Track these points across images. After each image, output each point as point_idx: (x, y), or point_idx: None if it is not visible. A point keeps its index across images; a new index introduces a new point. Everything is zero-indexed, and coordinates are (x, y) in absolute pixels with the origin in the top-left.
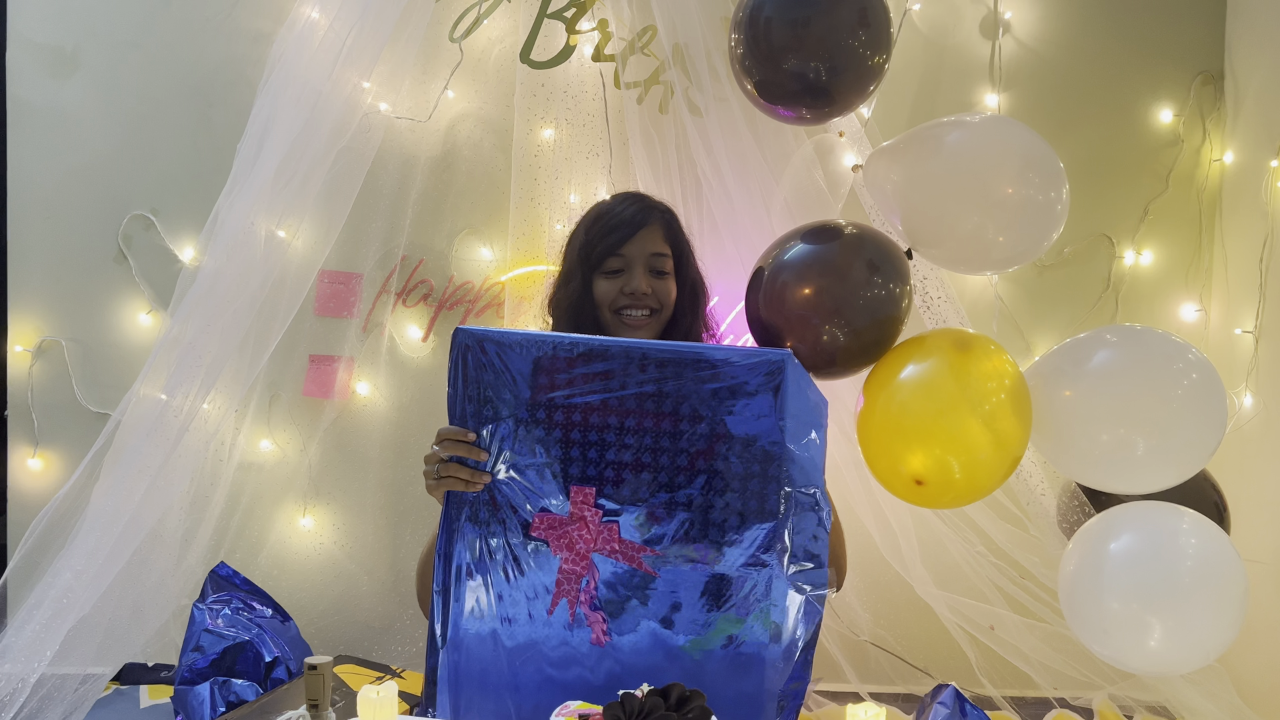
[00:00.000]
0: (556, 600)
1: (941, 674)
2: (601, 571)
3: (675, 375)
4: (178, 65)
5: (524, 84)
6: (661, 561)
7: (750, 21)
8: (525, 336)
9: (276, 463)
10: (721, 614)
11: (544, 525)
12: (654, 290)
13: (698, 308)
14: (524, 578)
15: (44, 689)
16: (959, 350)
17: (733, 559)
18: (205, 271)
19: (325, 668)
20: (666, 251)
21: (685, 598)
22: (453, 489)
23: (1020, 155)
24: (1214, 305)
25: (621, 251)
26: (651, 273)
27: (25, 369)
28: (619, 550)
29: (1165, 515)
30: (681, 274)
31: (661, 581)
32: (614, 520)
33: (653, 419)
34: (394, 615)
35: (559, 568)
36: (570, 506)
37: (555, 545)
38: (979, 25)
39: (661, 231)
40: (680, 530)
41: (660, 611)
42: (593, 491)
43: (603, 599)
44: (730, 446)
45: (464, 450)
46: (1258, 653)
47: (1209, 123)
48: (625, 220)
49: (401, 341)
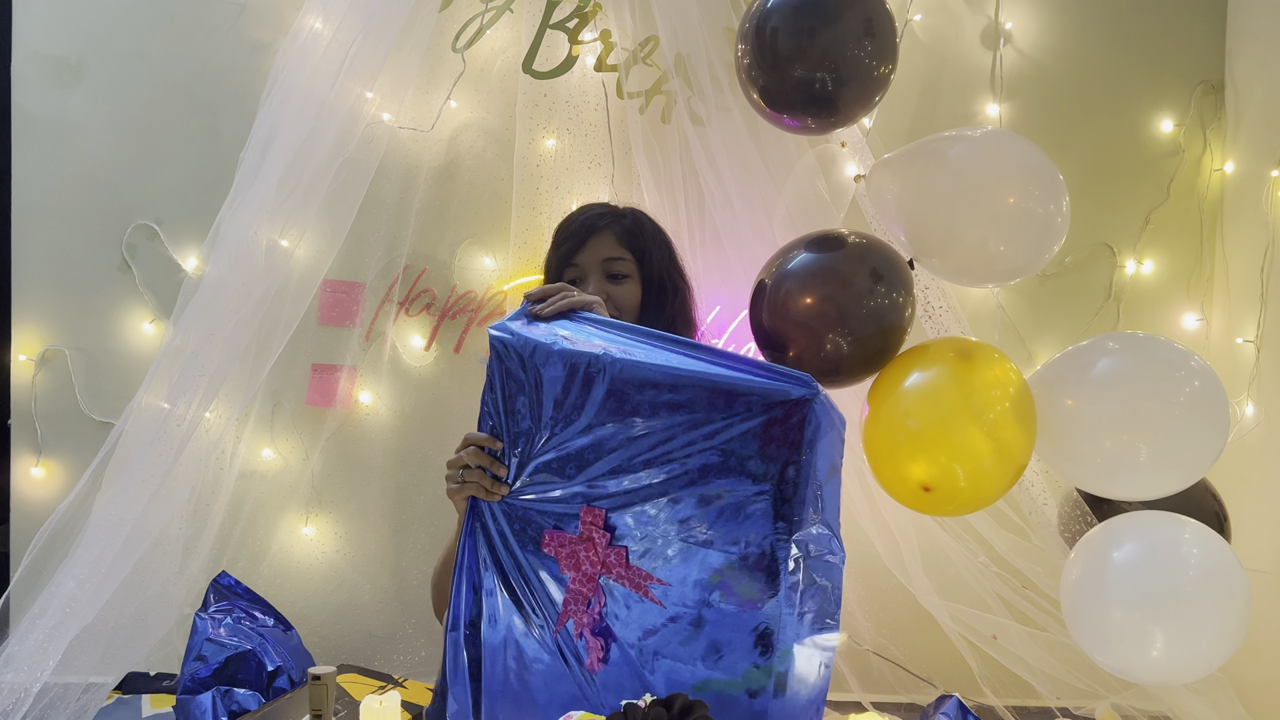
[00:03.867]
0: (563, 620)
1: (944, 683)
2: (612, 597)
3: (692, 405)
4: (182, 75)
5: (526, 94)
6: (670, 594)
7: (757, 32)
8: (550, 347)
9: (279, 472)
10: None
11: (554, 543)
12: (610, 296)
13: (665, 304)
14: (534, 593)
15: (47, 698)
16: (962, 359)
17: (750, 601)
18: (208, 281)
19: (329, 678)
20: (622, 255)
21: (718, 637)
22: (473, 494)
23: (1021, 168)
24: (1215, 315)
25: (575, 261)
26: (608, 278)
27: (29, 378)
28: (625, 576)
29: (1167, 525)
30: (646, 273)
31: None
32: (623, 545)
33: (663, 446)
34: (396, 624)
35: (567, 587)
36: (581, 526)
37: (564, 564)
38: (980, 35)
39: (615, 236)
40: (695, 569)
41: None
42: (603, 513)
43: (606, 626)
44: (742, 480)
45: (485, 460)
46: (1260, 662)
47: (1210, 132)
48: (576, 230)
49: (404, 351)
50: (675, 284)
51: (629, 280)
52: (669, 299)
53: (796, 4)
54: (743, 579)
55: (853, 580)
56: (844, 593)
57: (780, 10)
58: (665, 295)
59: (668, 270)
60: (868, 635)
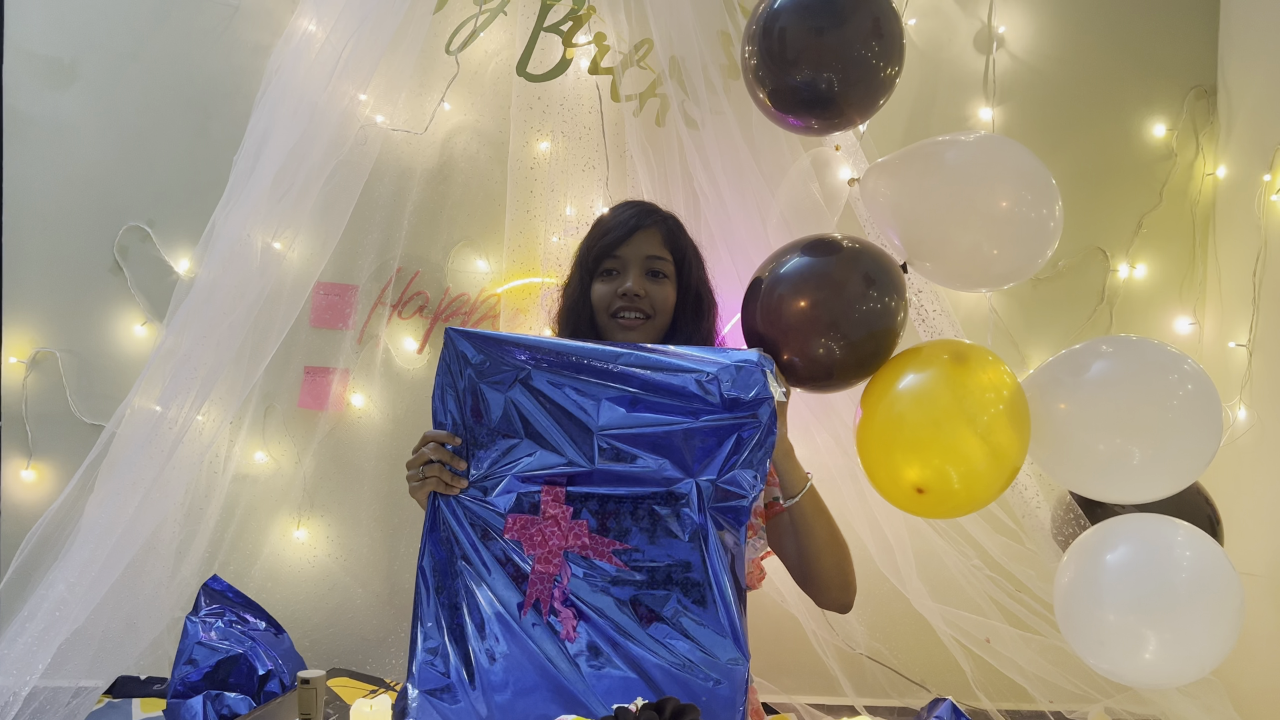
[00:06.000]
0: (529, 602)
1: (938, 687)
2: (577, 567)
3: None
4: (175, 77)
5: (520, 96)
6: (631, 557)
7: (764, 32)
8: (504, 340)
9: (271, 474)
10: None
11: (516, 526)
12: (648, 293)
13: (700, 317)
14: (499, 581)
15: (36, 702)
16: (956, 362)
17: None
18: (201, 283)
19: (318, 682)
20: (665, 255)
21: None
22: (434, 489)
23: (1015, 172)
24: (1208, 319)
25: (617, 253)
26: (648, 275)
27: (20, 380)
28: (589, 546)
29: (1160, 528)
30: (684, 281)
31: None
32: (582, 517)
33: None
34: (389, 628)
35: (532, 568)
36: (542, 505)
37: (528, 545)
38: (973, 39)
39: (661, 236)
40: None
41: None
42: (562, 490)
43: (574, 596)
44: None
45: (444, 455)
46: (1253, 665)
47: (1202, 137)
48: (622, 223)
49: (397, 353)
50: (709, 300)
51: (667, 282)
52: (705, 312)
53: (806, 3)
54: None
55: None
56: None
57: (789, 10)
58: (701, 307)
59: (704, 283)
60: (861, 639)
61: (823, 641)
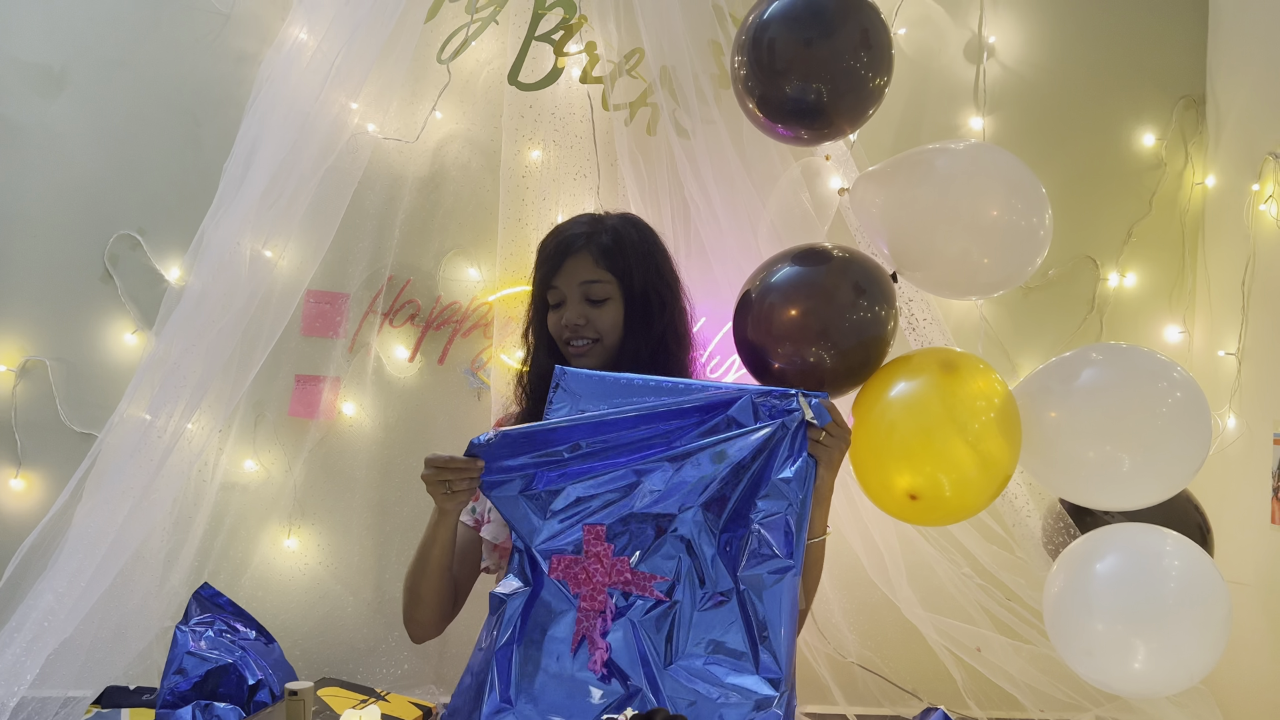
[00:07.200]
0: (578, 640)
1: (929, 696)
2: (618, 605)
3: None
4: (166, 85)
5: (512, 105)
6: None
7: (753, 43)
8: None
9: (261, 483)
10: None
11: (560, 567)
12: (589, 320)
13: (652, 322)
14: (553, 621)
15: (24, 712)
16: (946, 370)
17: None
18: (191, 291)
19: (305, 693)
20: (599, 277)
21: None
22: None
23: (1005, 181)
24: (1197, 327)
25: (554, 284)
26: (586, 301)
27: (9, 388)
28: (631, 582)
29: (1149, 537)
30: (629, 292)
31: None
32: (625, 554)
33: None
34: (379, 637)
35: (578, 607)
36: (584, 545)
37: (573, 584)
38: (963, 49)
39: (593, 257)
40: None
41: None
42: (604, 528)
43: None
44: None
45: (465, 482)
46: (1242, 674)
47: (1191, 146)
48: (552, 252)
49: (388, 362)
50: (662, 298)
51: (609, 302)
52: (655, 315)
53: (795, 14)
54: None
55: (837, 593)
56: (829, 605)
57: (778, 20)
58: (650, 312)
59: (654, 285)
60: (852, 648)
61: (814, 650)
